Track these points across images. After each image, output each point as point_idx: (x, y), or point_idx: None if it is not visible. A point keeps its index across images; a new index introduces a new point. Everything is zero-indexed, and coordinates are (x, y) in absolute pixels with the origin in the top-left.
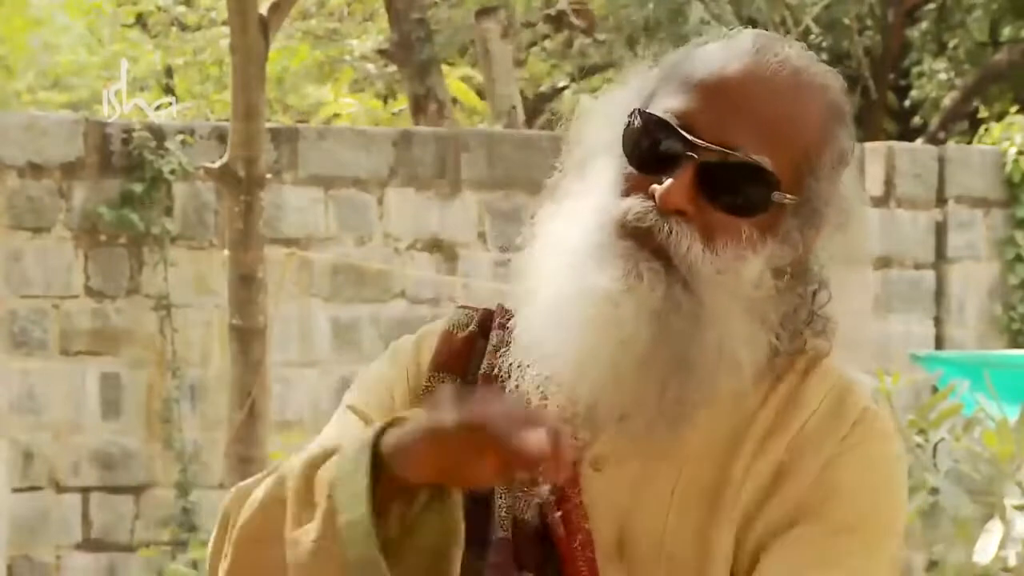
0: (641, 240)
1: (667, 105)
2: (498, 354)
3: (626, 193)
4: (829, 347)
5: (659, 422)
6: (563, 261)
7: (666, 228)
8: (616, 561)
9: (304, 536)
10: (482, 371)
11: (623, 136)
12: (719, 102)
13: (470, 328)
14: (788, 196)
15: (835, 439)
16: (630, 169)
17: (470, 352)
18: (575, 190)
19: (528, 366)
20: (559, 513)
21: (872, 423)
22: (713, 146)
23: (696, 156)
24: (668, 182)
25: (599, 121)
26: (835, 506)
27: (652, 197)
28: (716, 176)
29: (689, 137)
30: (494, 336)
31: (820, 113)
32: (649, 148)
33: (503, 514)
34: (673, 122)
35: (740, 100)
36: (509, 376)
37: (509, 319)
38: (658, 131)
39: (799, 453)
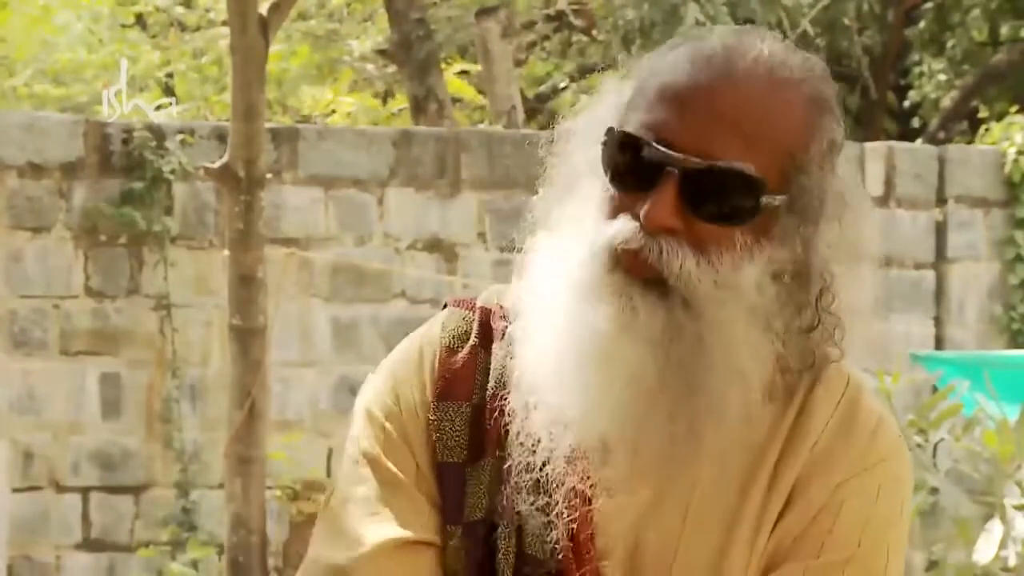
0: (632, 268)
1: (642, 119)
2: (503, 368)
3: (611, 216)
4: (840, 354)
5: (672, 451)
6: (557, 301)
7: (656, 248)
8: None
9: None
10: (489, 391)
11: (602, 156)
12: (694, 111)
13: (471, 341)
14: (778, 197)
15: (848, 459)
16: (613, 190)
17: (473, 371)
18: (564, 215)
19: (534, 407)
20: (571, 546)
21: (885, 442)
22: (693, 158)
23: (677, 170)
24: (652, 200)
25: (579, 140)
26: (837, 540)
27: (638, 217)
28: (700, 187)
29: (667, 151)
30: (498, 348)
31: (801, 107)
32: (628, 166)
33: (502, 555)
34: (649, 137)
35: (715, 107)
36: (514, 415)
37: (510, 323)
38: (635, 148)
39: (812, 471)
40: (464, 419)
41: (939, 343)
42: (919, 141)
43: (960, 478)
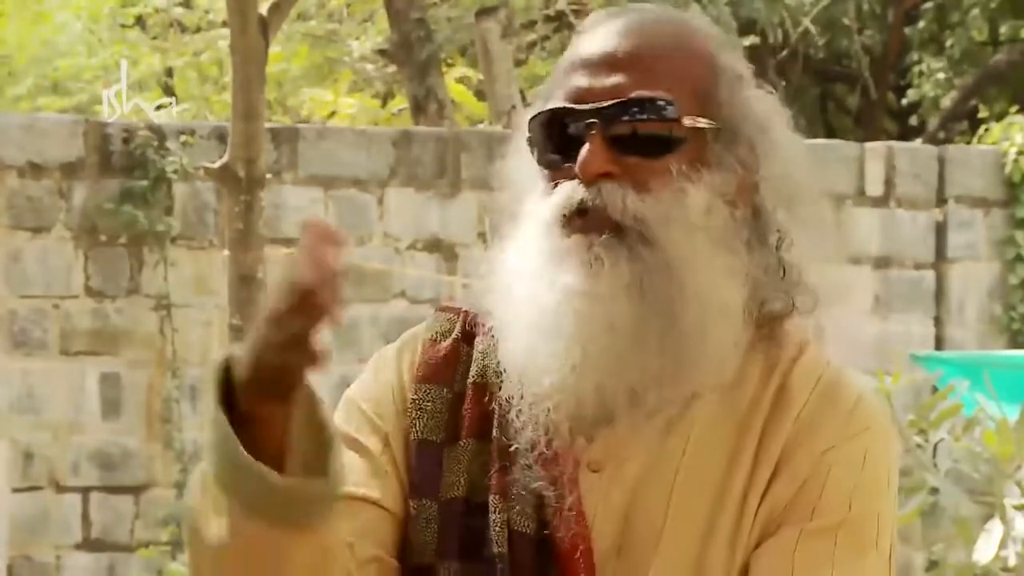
0: (584, 224)
1: (557, 96)
2: (485, 360)
3: (553, 190)
4: (813, 304)
5: (669, 387)
6: (526, 278)
7: (597, 194)
8: (614, 561)
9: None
10: (471, 379)
11: (530, 144)
12: (599, 67)
13: (453, 335)
14: (699, 120)
15: (831, 428)
16: (548, 171)
17: (455, 360)
18: (517, 223)
19: (522, 385)
20: (559, 521)
21: (868, 413)
22: (608, 102)
23: (598, 120)
24: (582, 153)
25: (516, 158)
26: (827, 505)
27: (575, 178)
28: (624, 128)
29: (583, 107)
30: (480, 342)
31: (699, 40)
32: (556, 142)
33: (497, 529)
34: (565, 104)
35: (617, 55)
36: (508, 407)
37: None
38: (557, 121)
39: (797, 441)
40: (444, 402)
41: (939, 343)
42: (919, 141)
43: (960, 478)
